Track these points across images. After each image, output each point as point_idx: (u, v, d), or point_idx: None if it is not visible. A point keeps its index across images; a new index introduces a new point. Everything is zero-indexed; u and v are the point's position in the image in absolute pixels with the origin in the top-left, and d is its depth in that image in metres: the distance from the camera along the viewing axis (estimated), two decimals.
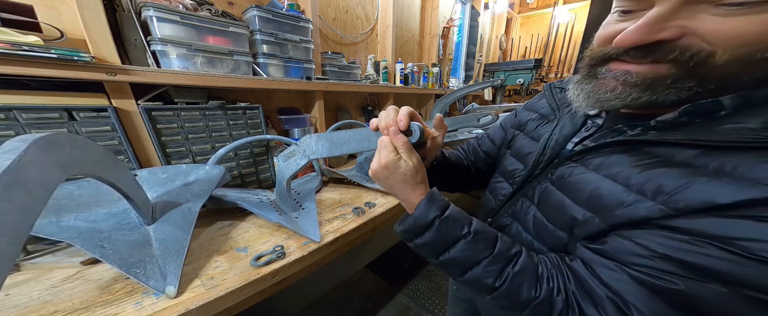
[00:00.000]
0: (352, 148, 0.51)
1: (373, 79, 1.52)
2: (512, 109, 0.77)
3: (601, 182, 0.34)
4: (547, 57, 3.13)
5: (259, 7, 0.92)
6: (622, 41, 0.29)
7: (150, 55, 0.73)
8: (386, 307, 1.40)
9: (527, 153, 0.49)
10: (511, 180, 0.50)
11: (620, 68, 0.31)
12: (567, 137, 0.44)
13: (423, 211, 0.39)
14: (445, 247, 0.38)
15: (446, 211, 0.39)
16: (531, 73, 2.73)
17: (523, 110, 0.59)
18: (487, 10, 2.71)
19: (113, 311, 0.42)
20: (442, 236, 0.39)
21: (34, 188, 0.29)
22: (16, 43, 0.52)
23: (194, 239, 0.61)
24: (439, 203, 0.40)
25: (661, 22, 0.27)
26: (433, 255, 0.40)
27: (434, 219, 0.39)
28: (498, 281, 0.36)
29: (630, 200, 0.30)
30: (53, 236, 0.46)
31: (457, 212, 0.40)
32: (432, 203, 0.39)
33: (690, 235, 0.26)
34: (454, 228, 0.38)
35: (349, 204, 0.83)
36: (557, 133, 0.45)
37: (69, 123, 0.61)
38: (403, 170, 0.41)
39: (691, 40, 0.26)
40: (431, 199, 0.40)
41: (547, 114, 0.51)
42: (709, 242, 0.24)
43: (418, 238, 0.40)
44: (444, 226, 0.38)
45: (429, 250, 0.40)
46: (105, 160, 0.44)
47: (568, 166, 0.39)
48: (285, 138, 0.98)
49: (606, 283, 0.30)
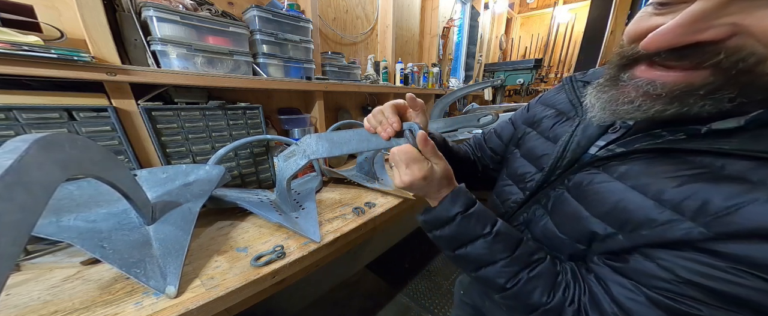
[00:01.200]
0: (352, 148, 0.51)
1: (373, 79, 1.52)
2: (512, 109, 0.76)
3: (627, 193, 0.30)
4: (547, 57, 3.13)
5: (259, 7, 0.92)
6: (652, 43, 0.24)
7: (150, 55, 0.73)
8: (386, 307, 1.40)
9: (541, 155, 0.44)
10: (522, 185, 0.46)
11: (644, 76, 0.27)
12: (591, 139, 0.38)
13: (446, 206, 0.39)
14: (463, 242, 0.38)
15: (471, 208, 0.38)
16: (531, 73, 2.73)
17: (538, 104, 0.52)
18: (487, 10, 2.71)
19: (113, 311, 0.42)
20: (462, 232, 0.38)
21: (35, 187, 0.29)
22: (16, 43, 0.52)
23: (194, 239, 0.61)
24: (464, 199, 0.39)
25: (705, 19, 0.21)
26: (450, 248, 0.40)
27: (456, 215, 0.38)
28: (510, 282, 0.35)
29: (662, 219, 0.26)
30: (53, 236, 0.46)
31: (481, 210, 0.39)
32: (457, 198, 0.39)
33: (731, 262, 0.22)
34: (475, 226, 0.37)
35: (349, 204, 0.83)
36: (579, 134, 0.40)
37: (69, 123, 0.61)
38: (439, 176, 0.39)
39: (743, 41, 0.21)
40: (457, 195, 0.39)
41: (566, 110, 0.45)
42: (753, 272, 0.21)
43: (437, 230, 0.40)
44: (466, 222, 0.38)
45: (446, 242, 0.40)
46: (105, 160, 0.44)
47: (589, 172, 0.35)
48: (285, 138, 0.97)
49: (617, 300, 0.28)
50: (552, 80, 3.12)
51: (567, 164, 0.40)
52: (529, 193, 0.44)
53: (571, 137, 0.40)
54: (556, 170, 0.41)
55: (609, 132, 0.38)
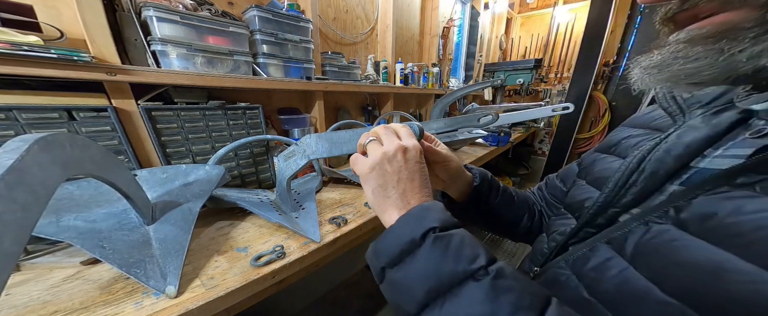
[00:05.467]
0: (352, 148, 0.51)
1: (373, 79, 1.52)
2: (513, 109, 0.76)
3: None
4: (547, 57, 3.13)
5: (259, 7, 0.92)
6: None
7: (150, 55, 0.73)
8: (386, 307, 1.40)
9: (612, 175, 0.31)
10: (578, 213, 0.35)
11: (693, 25, 0.21)
12: (692, 148, 0.26)
13: (410, 220, 0.26)
14: (439, 289, 0.22)
15: (451, 229, 0.25)
16: (531, 73, 2.73)
17: (621, 128, 0.41)
18: (487, 10, 2.71)
19: (113, 311, 0.42)
20: (435, 267, 0.23)
21: (36, 187, 0.29)
22: (16, 43, 0.52)
23: (194, 239, 0.61)
24: (440, 215, 0.26)
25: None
26: (414, 302, 0.23)
27: (427, 233, 0.24)
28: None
29: None
30: (53, 236, 0.46)
31: (468, 236, 0.25)
32: (427, 212, 0.26)
33: None
34: (456, 256, 0.23)
35: (349, 204, 0.83)
36: (672, 140, 0.28)
37: (69, 123, 0.61)
38: (414, 156, 0.30)
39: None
40: (428, 208, 0.27)
41: (663, 127, 0.33)
42: None
43: (394, 266, 0.25)
44: (440, 247, 0.23)
45: (406, 293, 0.23)
46: (105, 160, 0.44)
47: (725, 194, 0.22)
48: (285, 138, 0.98)
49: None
50: (552, 80, 3.12)
51: (645, 179, 0.28)
52: (584, 221, 0.31)
53: (656, 147, 0.29)
54: (626, 188, 0.29)
55: (745, 136, 0.24)
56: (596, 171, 0.37)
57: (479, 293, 0.21)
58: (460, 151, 1.58)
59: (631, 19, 2.28)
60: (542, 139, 3.10)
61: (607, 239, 0.28)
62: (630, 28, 2.32)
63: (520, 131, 2.33)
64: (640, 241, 0.25)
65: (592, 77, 2.39)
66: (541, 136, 3.10)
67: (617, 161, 0.34)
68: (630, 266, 0.25)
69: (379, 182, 0.31)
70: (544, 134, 3.06)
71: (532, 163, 3.12)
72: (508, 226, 0.47)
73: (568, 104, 1.00)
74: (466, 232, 0.26)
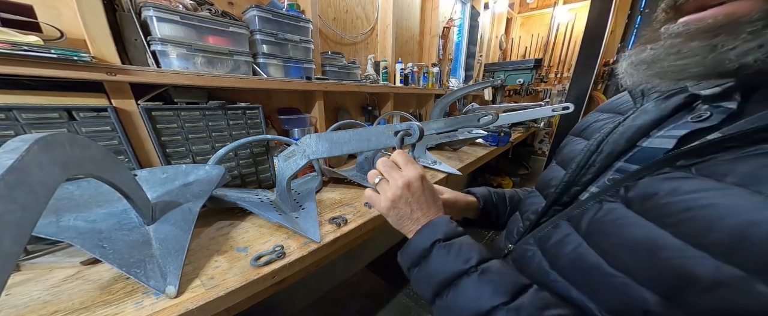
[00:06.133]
0: (352, 148, 0.51)
1: (373, 79, 1.52)
2: (513, 109, 0.76)
3: (763, 211, 0.18)
4: (547, 57, 3.13)
5: (259, 7, 0.92)
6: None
7: (150, 55, 0.73)
8: (386, 307, 1.39)
9: (576, 156, 0.35)
10: (546, 191, 0.38)
11: (693, 17, 0.22)
12: (642, 130, 0.29)
13: (425, 234, 0.33)
14: (442, 283, 0.29)
15: (454, 238, 0.32)
16: (531, 73, 2.73)
17: (594, 112, 0.44)
18: (487, 10, 2.71)
19: (113, 311, 0.42)
20: (439, 268, 0.30)
21: (37, 187, 0.29)
22: (16, 43, 0.52)
23: (194, 239, 0.61)
24: (446, 228, 0.33)
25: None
26: (430, 292, 0.31)
27: (434, 243, 0.31)
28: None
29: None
30: (53, 236, 0.46)
31: (468, 242, 0.31)
32: (437, 226, 0.33)
33: None
34: (455, 259, 0.30)
35: (349, 204, 0.83)
36: (627, 123, 0.31)
37: (69, 123, 0.61)
38: (418, 187, 0.35)
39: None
40: (437, 223, 0.33)
41: (626, 110, 0.35)
42: None
43: (415, 267, 0.34)
44: (443, 253, 0.30)
45: (424, 284, 0.32)
46: (105, 160, 0.44)
47: (666, 175, 0.24)
48: (285, 138, 0.97)
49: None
50: (552, 80, 3.12)
51: (603, 160, 0.30)
52: (550, 200, 0.35)
53: (614, 130, 0.31)
54: (586, 167, 0.31)
55: (687, 120, 0.26)
56: (564, 152, 0.41)
57: (470, 284, 0.28)
58: (460, 151, 1.57)
59: (631, 19, 2.28)
60: (542, 139, 3.10)
61: (568, 217, 0.31)
62: (630, 28, 2.32)
63: (520, 131, 2.33)
64: (593, 218, 0.28)
65: (592, 77, 2.38)
66: (541, 136, 3.10)
67: (582, 143, 0.38)
68: (584, 242, 0.28)
69: (397, 217, 0.39)
70: (544, 134, 3.06)
71: (532, 163, 3.11)
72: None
73: (568, 104, 1.00)
74: (466, 238, 0.32)
